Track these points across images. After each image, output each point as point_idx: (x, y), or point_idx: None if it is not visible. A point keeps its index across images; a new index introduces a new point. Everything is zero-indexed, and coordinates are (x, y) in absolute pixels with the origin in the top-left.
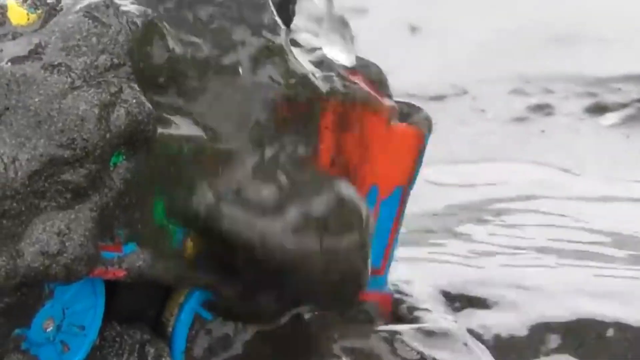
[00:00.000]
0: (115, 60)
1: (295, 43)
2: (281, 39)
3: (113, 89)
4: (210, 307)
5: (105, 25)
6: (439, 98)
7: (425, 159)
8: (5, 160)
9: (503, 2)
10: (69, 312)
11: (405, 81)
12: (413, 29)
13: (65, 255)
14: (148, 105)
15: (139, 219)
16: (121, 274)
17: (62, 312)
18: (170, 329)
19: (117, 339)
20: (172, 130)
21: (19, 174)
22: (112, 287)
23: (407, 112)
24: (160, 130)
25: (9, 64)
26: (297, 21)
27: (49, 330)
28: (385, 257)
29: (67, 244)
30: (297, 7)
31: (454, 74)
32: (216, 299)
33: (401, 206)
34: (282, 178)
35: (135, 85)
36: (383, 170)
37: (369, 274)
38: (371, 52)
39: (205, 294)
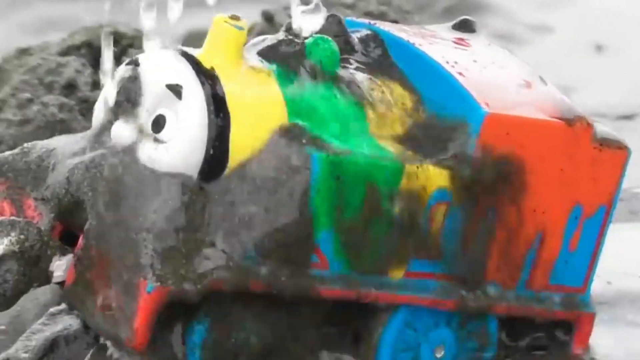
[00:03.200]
0: None
1: None
2: None
3: None
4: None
5: None
6: (629, 117)
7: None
8: None
9: None
10: None
11: (592, 100)
12: (599, 48)
13: None
14: None
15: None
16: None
17: None
18: (373, 350)
19: None
20: None
21: None
22: None
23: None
24: None
25: None
26: None
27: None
28: (587, 276)
29: None
30: None
31: None
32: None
33: (604, 226)
34: None
35: None
36: (587, 188)
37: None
38: (557, 71)
39: (412, 313)
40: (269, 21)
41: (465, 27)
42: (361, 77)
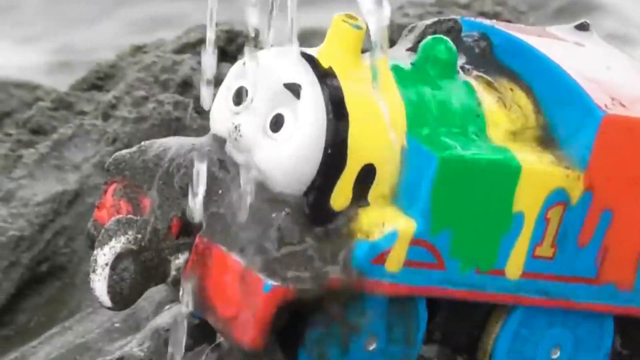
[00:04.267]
0: None
1: None
2: None
3: None
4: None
5: None
6: None
7: None
8: None
9: None
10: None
11: None
12: None
13: None
14: None
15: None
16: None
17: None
18: (489, 351)
19: None
20: None
21: None
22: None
23: None
24: None
25: None
26: None
27: (370, 348)
28: None
29: None
30: None
31: None
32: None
33: None
34: None
35: None
36: None
37: None
38: None
39: (528, 313)
40: None
41: (581, 28)
42: (477, 77)
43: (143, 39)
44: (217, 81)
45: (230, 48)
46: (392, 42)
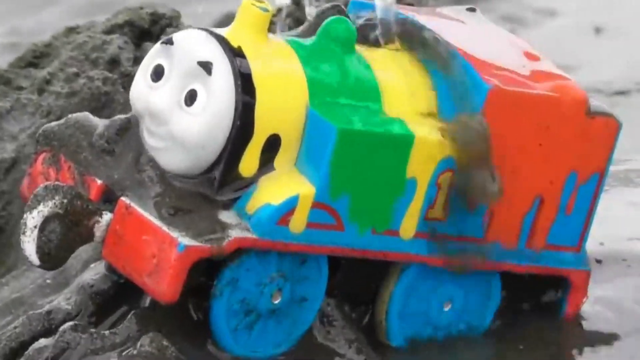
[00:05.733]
0: None
1: None
2: None
3: None
4: None
5: None
6: (623, 93)
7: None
8: None
9: None
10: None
11: (590, 77)
12: (598, 30)
13: None
14: None
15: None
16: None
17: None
18: (385, 305)
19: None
20: None
21: None
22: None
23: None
24: None
25: None
26: None
27: (276, 302)
28: (582, 236)
29: None
30: None
31: (637, 71)
32: None
33: (597, 191)
34: None
35: None
36: (582, 157)
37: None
38: (560, 51)
39: (421, 270)
40: (297, 4)
41: (470, 10)
42: (375, 54)
43: (76, 22)
44: (140, 60)
45: (154, 29)
46: (301, 22)
